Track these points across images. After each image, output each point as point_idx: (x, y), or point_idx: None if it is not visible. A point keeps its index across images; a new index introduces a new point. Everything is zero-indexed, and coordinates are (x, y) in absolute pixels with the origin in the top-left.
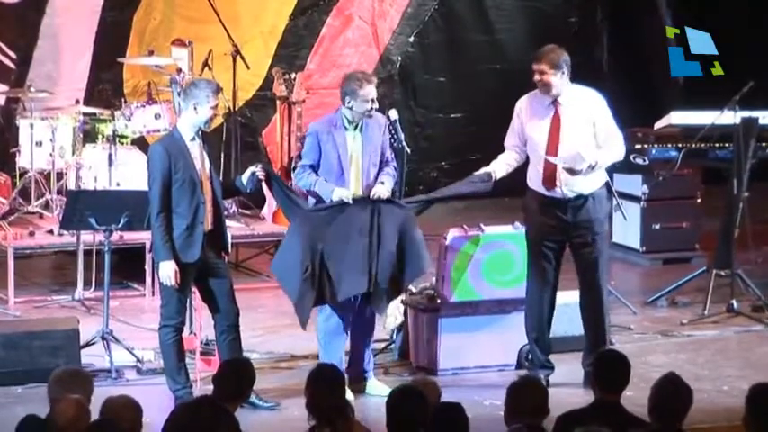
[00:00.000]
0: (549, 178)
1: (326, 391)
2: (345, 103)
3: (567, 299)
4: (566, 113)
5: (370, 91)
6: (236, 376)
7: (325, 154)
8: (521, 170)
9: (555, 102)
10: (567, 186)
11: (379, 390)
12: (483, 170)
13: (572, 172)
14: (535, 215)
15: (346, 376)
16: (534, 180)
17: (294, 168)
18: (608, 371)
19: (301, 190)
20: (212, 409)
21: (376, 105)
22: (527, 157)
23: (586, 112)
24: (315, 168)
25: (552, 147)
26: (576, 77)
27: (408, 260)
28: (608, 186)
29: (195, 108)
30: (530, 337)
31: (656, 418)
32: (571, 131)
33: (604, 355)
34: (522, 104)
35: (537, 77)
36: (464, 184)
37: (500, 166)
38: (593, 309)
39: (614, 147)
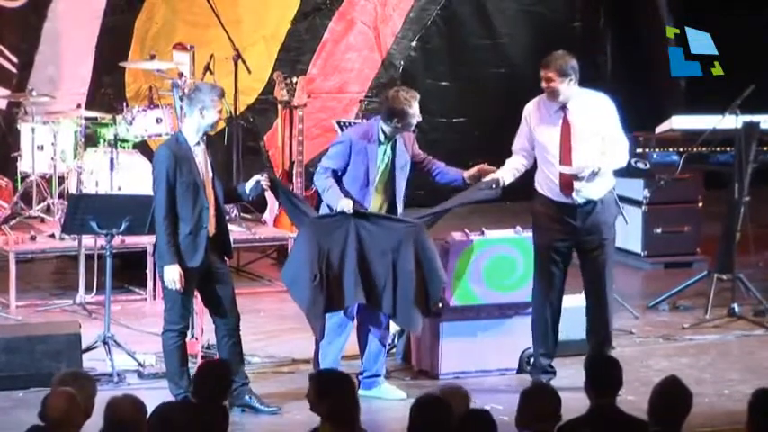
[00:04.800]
0: (567, 185)
1: (332, 395)
2: (392, 122)
3: (570, 303)
4: (575, 121)
5: (417, 108)
6: (214, 378)
7: (355, 164)
8: (524, 174)
9: (563, 108)
10: (579, 193)
11: (392, 393)
12: (491, 177)
13: (575, 178)
14: (544, 219)
15: (356, 381)
16: (544, 185)
17: (315, 166)
18: (601, 375)
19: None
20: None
21: (420, 118)
22: (534, 162)
23: (595, 118)
24: (337, 174)
25: (566, 156)
26: (579, 82)
27: (430, 276)
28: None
29: (201, 112)
30: (536, 341)
31: (656, 421)
32: (582, 139)
33: (595, 360)
34: (530, 109)
35: (544, 84)
36: (472, 192)
37: (507, 173)
38: (598, 314)
39: (618, 153)
